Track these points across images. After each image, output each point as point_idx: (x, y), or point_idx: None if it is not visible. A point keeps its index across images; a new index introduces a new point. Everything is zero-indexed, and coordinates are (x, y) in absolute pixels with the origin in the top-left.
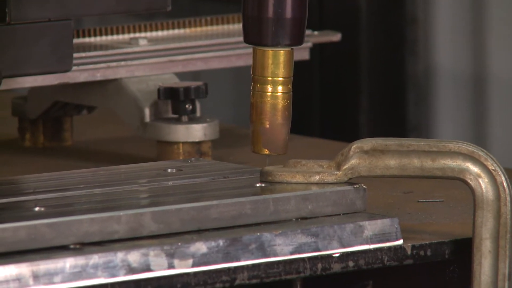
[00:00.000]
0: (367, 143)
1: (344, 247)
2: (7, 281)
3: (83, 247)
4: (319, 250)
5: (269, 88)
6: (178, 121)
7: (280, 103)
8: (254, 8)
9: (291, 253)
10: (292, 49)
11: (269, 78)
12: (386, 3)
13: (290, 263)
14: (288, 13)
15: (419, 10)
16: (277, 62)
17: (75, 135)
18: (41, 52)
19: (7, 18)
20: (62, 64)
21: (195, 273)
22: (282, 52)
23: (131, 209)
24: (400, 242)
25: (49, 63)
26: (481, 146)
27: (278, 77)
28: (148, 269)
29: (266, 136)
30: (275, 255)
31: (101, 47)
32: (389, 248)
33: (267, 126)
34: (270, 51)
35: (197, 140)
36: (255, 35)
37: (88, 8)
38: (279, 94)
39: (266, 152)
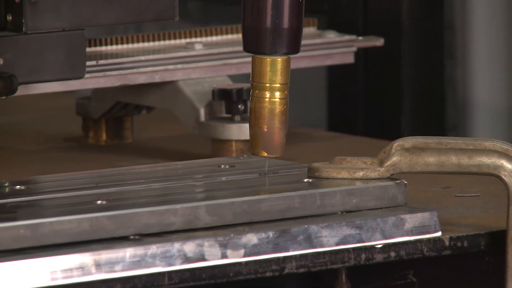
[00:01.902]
0: (408, 141)
1: (386, 238)
2: (71, 270)
3: (142, 238)
4: (362, 242)
5: (267, 94)
6: (231, 120)
7: (278, 108)
8: (253, 19)
9: (337, 244)
10: (288, 57)
11: (267, 85)
12: (425, 10)
13: (336, 254)
14: (285, 23)
15: (457, 16)
16: (275, 70)
17: (135, 134)
18: (56, 60)
19: (23, 28)
20: (76, 71)
21: (247, 263)
22: (279, 60)
23: (187, 202)
24: (439, 234)
25: (63, 70)
26: None
27: (276, 84)
28: (202, 258)
29: (264, 139)
30: (322, 246)
31: (159, 51)
32: (429, 239)
33: (265, 129)
34: (268, 59)
35: (249, 138)
36: (254, 44)
37: (100, 18)
38: (277, 99)
39: (265, 154)
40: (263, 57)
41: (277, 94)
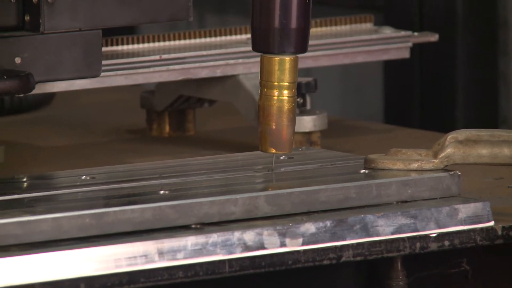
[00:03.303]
0: (462, 133)
1: (440, 228)
2: (134, 257)
3: (203, 227)
4: (417, 231)
5: (276, 92)
6: None
7: (286, 106)
8: (261, 19)
9: (392, 233)
10: (296, 56)
11: (276, 83)
12: (479, 7)
13: (391, 242)
14: (293, 24)
15: (510, 14)
16: (283, 69)
17: (198, 126)
18: (72, 59)
19: (41, 28)
20: (92, 69)
21: (305, 251)
22: (287, 59)
23: (247, 192)
24: (492, 223)
25: (79, 69)
26: None
27: (284, 82)
28: (262, 247)
29: (273, 136)
30: (378, 235)
31: (220, 46)
32: (481, 229)
33: (274, 127)
34: (276, 58)
35: (307, 130)
36: (263, 44)
37: (116, 19)
38: (285, 97)
39: (273, 151)
40: (272, 56)
41: (285, 92)
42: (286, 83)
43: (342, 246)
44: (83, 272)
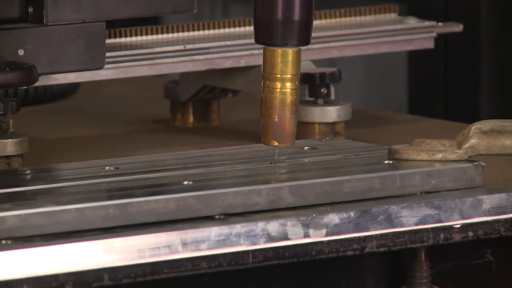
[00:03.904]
0: (486, 124)
1: (464, 219)
2: (158, 248)
3: (227, 217)
4: (441, 222)
5: (278, 85)
6: (314, 103)
7: (288, 98)
8: (264, 11)
9: (416, 224)
10: (299, 48)
11: (278, 76)
12: None
13: (415, 233)
14: (296, 16)
15: None
16: (286, 61)
17: (222, 116)
18: (76, 51)
19: (44, 20)
20: (95, 62)
21: (328, 242)
22: (290, 51)
23: (271, 183)
24: None
25: (83, 61)
26: None
27: (287, 75)
28: (285, 237)
29: (275, 128)
30: (401, 225)
31: (244, 36)
32: (506, 220)
33: (276, 119)
34: (279, 50)
35: (331, 121)
36: (265, 36)
37: (119, 11)
38: (288, 90)
39: (275, 143)
40: (274, 48)
41: (288, 84)
42: (289, 76)
43: (365, 237)
44: (106, 263)
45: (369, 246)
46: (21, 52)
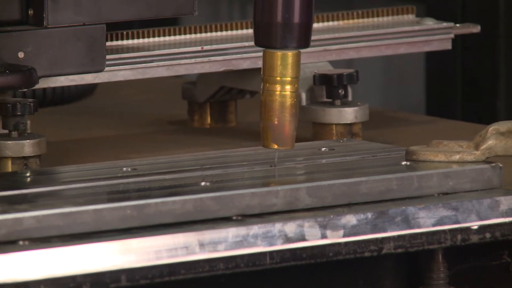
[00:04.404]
0: (503, 125)
1: (481, 220)
2: (175, 249)
3: (244, 218)
4: (459, 223)
5: (278, 88)
6: (331, 104)
7: (288, 101)
8: (263, 13)
9: (433, 225)
10: (299, 51)
11: (278, 78)
12: None
13: (432, 235)
14: (296, 18)
15: None
16: (285, 64)
17: (239, 117)
18: (76, 54)
19: (44, 23)
20: (96, 64)
21: (346, 243)
22: (290, 54)
23: (288, 184)
24: None
25: (83, 63)
26: None
27: (286, 77)
28: (303, 239)
29: (275, 131)
30: (419, 227)
31: None
32: None
33: (276, 122)
34: (279, 53)
35: (348, 122)
36: (265, 39)
37: (120, 13)
38: (287, 93)
39: (275, 146)
40: (274, 51)
41: (288, 87)
42: (289, 78)
43: (383, 238)
44: (124, 264)
45: (386, 247)
46: (21, 54)
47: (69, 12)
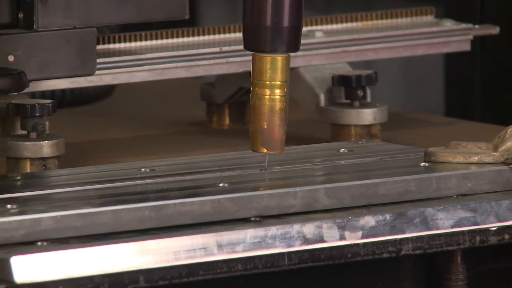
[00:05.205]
0: None
1: (500, 221)
2: (194, 250)
3: (262, 219)
4: (477, 224)
5: (267, 92)
6: (350, 106)
7: (277, 105)
8: (253, 17)
9: (452, 227)
10: (288, 55)
11: (267, 82)
12: None
13: (451, 236)
14: (285, 22)
15: None
16: (275, 68)
17: None
18: (67, 57)
19: (35, 26)
20: (86, 68)
21: (364, 244)
22: (279, 58)
23: (307, 185)
24: None
25: (73, 67)
26: None
27: (276, 81)
28: (321, 240)
29: (264, 136)
30: (437, 228)
31: None
32: None
33: (265, 126)
34: (268, 57)
35: (367, 123)
36: (254, 43)
37: (111, 16)
38: (277, 97)
39: (264, 151)
40: (263, 55)
41: (277, 91)
42: (278, 82)
43: (401, 239)
44: (142, 265)
45: (405, 249)
46: (11, 58)
47: (59, 15)
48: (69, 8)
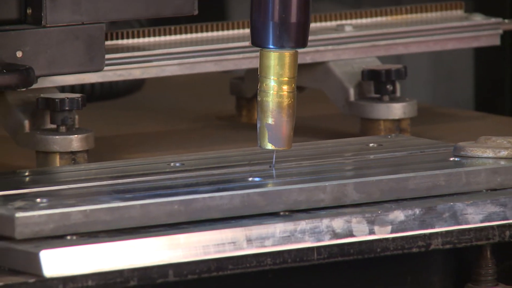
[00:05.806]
0: None
1: None
2: (223, 244)
3: (292, 214)
4: (507, 219)
5: (275, 88)
6: (380, 100)
7: (285, 101)
8: (260, 13)
9: (481, 221)
10: (296, 51)
11: (275, 78)
12: None
13: (481, 231)
14: (293, 18)
15: None
16: (282, 64)
17: None
18: (75, 53)
19: (43, 22)
20: (95, 63)
21: (394, 239)
22: (287, 54)
23: (336, 180)
24: None
25: (82, 63)
26: None
27: (283, 77)
28: (350, 234)
29: (271, 132)
30: (467, 223)
31: (310, 33)
32: None
33: (272, 123)
34: (276, 53)
35: (397, 117)
36: (262, 39)
37: (119, 12)
38: (284, 93)
39: (272, 147)
40: (271, 51)
41: (285, 87)
42: (286, 78)
43: (431, 234)
44: (171, 259)
45: (434, 243)
46: (19, 53)
47: (68, 11)
48: (77, 4)
